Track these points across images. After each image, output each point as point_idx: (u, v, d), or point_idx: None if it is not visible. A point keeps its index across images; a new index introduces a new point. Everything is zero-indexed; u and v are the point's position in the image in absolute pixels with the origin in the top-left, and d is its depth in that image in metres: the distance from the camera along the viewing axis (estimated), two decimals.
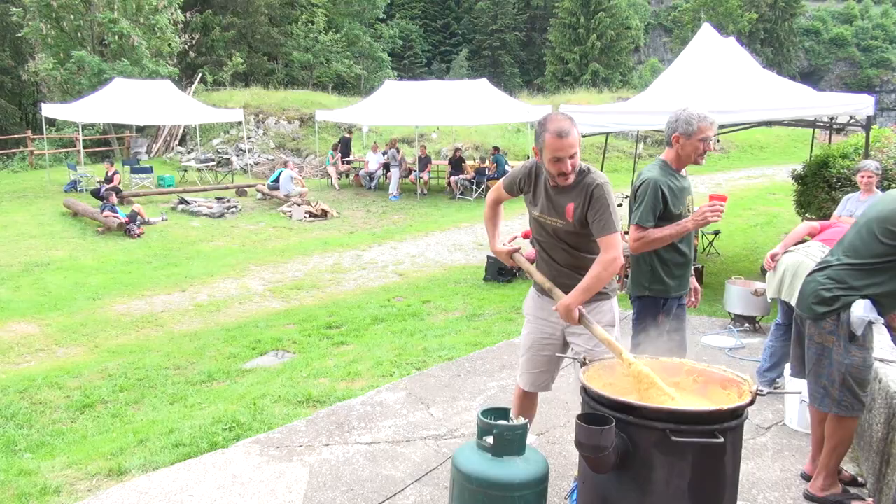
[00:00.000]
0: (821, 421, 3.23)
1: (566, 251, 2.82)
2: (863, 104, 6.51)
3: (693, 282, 3.50)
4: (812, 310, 2.99)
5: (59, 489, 3.48)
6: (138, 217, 12.78)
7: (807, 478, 3.26)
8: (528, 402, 3.08)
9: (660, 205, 3.13)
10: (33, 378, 5.97)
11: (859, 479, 3.31)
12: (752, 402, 2.22)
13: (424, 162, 17.02)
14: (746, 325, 6.10)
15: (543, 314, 2.98)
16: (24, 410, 5.23)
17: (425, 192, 16.84)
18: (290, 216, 14.34)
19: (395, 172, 16.74)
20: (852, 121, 8.05)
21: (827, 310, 2.94)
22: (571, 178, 2.66)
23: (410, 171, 17.10)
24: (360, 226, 13.81)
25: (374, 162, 17.55)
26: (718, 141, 21.75)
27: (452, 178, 16.65)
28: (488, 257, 9.06)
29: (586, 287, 2.66)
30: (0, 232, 12.25)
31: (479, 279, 9.17)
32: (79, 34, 22.10)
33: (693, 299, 3.53)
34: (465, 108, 16.52)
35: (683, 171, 3.31)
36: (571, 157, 2.60)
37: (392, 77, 33.54)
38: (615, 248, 2.64)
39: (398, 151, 17.11)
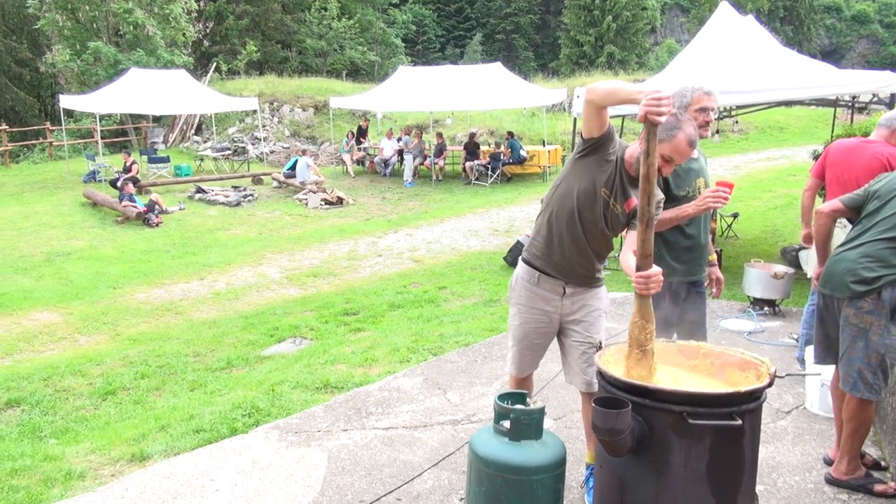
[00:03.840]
0: (842, 405, 3.19)
1: (605, 234, 2.70)
2: (886, 82, 6.37)
3: (716, 272, 3.42)
4: (850, 289, 2.89)
5: (84, 474, 3.55)
6: (156, 206, 12.91)
7: (829, 462, 3.23)
8: (526, 384, 3.05)
9: (661, 184, 3.12)
10: (57, 366, 6.08)
11: (882, 463, 3.28)
12: (770, 384, 2.19)
13: (440, 148, 16.98)
14: (766, 308, 6.02)
15: (538, 303, 2.82)
16: (48, 397, 5.32)
17: (440, 178, 16.80)
18: (306, 204, 14.39)
19: (409, 159, 16.72)
20: (875, 99, 7.89)
21: (867, 289, 2.85)
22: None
23: (426, 157, 17.08)
24: (375, 213, 13.84)
25: (388, 149, 17.54)
26: (737, 122, 21.39)
27: (468, 164, 16.59)
28: (518, 241, 9.00)
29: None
30: (22, 222, 12.45)
31: (496, 265, 9.16)
32: (94, 25, 22.24)
33: (714, 290, 3.45)
34: (479, 93, 16.42)
35: (694, 152, 3.23)
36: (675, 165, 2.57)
37: (406, 63, 33.39)
38: None
39: (417, 140, 17.07)
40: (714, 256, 3.47)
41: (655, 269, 2.35)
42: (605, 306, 2.88)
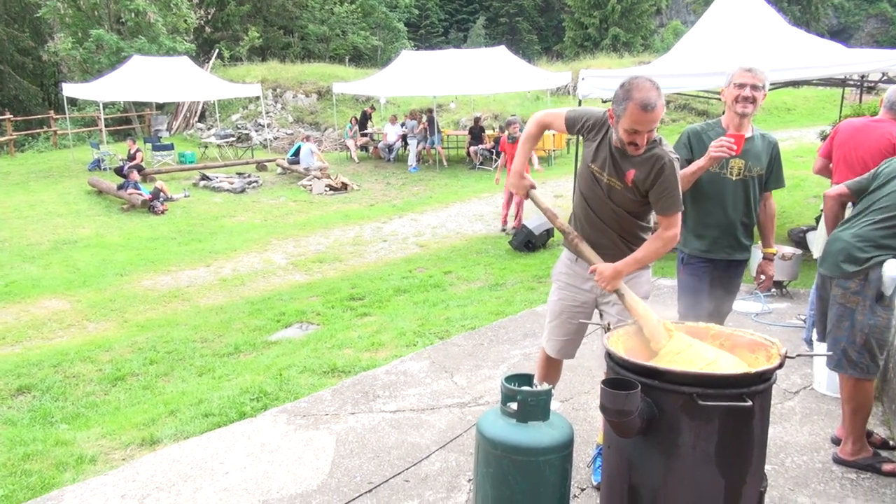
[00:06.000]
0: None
1: (615, 211, 2.72)
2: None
3: (767, 267, 3.39)
4: (840, 268, 2.93)
5: (95, 458, 3.59)
6: (161, 194, 12.92)
7: (837, 441, 3.24)
8: (552, 367, 3.07)
9: (685, 151, 3.20)
10: (66, 352, 6.11)
11: (891, 443, 3.27)
12: (780, 366, 2.18)
13: (431, 129, 16.93)
14: (773, 289, 6.00)
15: (576, 281, 2.89)
16: (58, 383, 5.36)
17: (445, 164, 16.75)
18: (311, 190, 14.38)
19: (413, 144, 16.66)
20: (885, 78, 7.79)
21: (856, 269, 2.87)
22: (642, 151, 2.56)
23: (431, 141, 17.01)
24: (380, 198, 13.81)
25: (392, 134, 17.48)
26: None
27: (472, 148, 16.53)
28: (523, 225, 9.01)
29: (641, 259, 2.63)
30: (28, 211, 12.48)
31: (501, 249, 9.14)
32: (96, 13, 22.14)
33: (762, 280, 3.42)
34: (483, 77, 16.31)
35: (747, 131, 3.17)
36: (650, 131, 2.49)
37: (409, 47, 33.15)
38: (677, 226, 2.61)
39: (421, 125, 16.99)
40: (773, 250, 3.40)
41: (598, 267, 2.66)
42: (645, 292, 2.82)
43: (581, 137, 2.80)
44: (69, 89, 17.20)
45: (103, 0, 21.79)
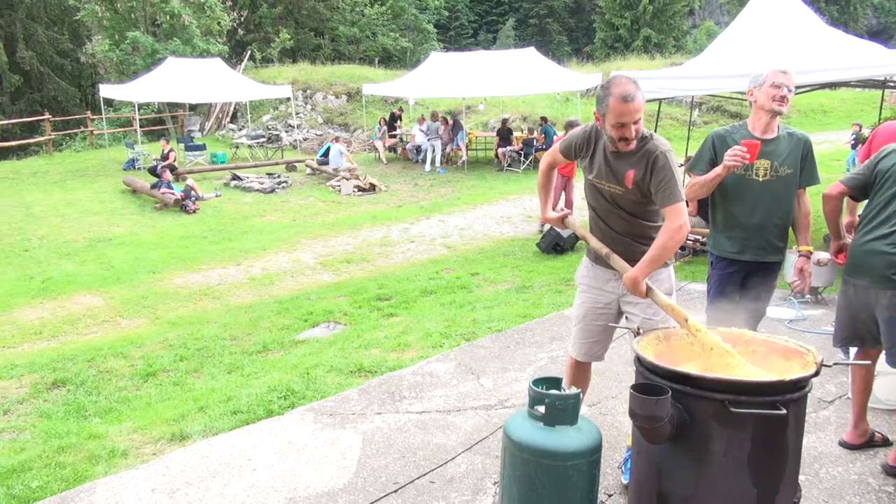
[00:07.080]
0: (861, 390, 3.18)
1: (623, 218, 2.76)
2: None
3: (804, 265, 3.31)
4: (892, 280, 2.86)
5: (126, 452, 3.65)
6: (193, 193, 13.13)
7: (844, 444, 3.24)
8: (581, 371, 3.06)
9: (709, 154, 3.22)
10: (100, 348, 6.24)
11: None
12: (816, 374, 2.13)
13: (456, 130, 16.92)
14: (808, 296, 5.87)
15: (597, 283, 2.92)
16: (92, 378, 5.47)
17: (465, 162, 16.74)
18: (339, 191, 14.49)
19: (437, 145, 16.67)
20: None
21: None
22: (633, 145, 2.59)
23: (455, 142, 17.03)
24: (408, 199, 13.86)
25: (420, 135, 17.52)
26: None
27: (500, 150, 16.49)
28: (551, 227, 8.97)
29: (653, 258, 2.61)
30: (65, 209, 12.79)
31: (528, 251, 9.10)
32: (132, 15, 22.64)
33: (798, 280, 3.34)
34: (512, 79, 16.27)
35: (773, 132, 3.18)
36: (635, 122, 2.53)
37: (438, 49, 33.26)
38: (680, 216, 2.58)
39: (444, 126, 17.01)
40: (809, 248, 3.33)
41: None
42: (667, 289, 2.81)
43: (581, 160, 2.89)
44: (106, 90, 17.60)
45: (140, 3, 22.26)
